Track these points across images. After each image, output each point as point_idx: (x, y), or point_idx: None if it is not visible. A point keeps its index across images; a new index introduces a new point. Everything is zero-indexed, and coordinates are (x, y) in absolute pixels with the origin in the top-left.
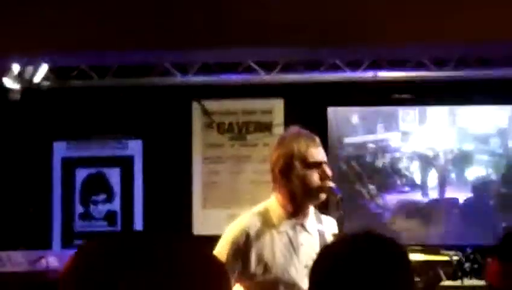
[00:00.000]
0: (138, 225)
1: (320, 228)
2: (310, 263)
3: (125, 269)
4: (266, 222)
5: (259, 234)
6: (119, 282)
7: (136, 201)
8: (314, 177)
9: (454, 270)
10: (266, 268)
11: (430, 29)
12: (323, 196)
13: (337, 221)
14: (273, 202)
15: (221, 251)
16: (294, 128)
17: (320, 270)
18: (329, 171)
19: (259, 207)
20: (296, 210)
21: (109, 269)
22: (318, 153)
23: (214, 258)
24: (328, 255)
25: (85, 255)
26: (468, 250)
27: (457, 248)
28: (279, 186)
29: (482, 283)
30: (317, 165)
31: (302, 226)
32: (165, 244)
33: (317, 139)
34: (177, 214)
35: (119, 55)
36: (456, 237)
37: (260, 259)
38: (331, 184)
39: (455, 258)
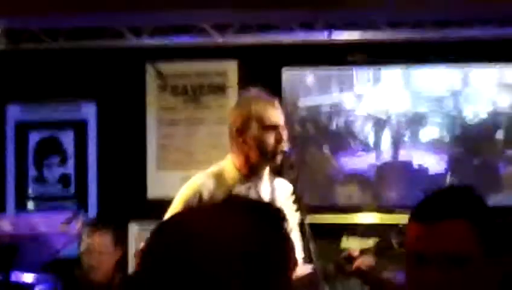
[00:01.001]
0: (92, 188)
1: (273, 191)
2: None
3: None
4: (220, 183)
5: (212, 196)
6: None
7: (90, 164)
8: (270, 139)
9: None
10: None
11: None
12: (278, 159)
13: (291, 184)
14: (229, 163)
15: (173, 211)
16: (254, 90)
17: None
18: (285, 135)
19: (214, 168)
20: (250, 172)
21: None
22: (275, 116)
23: None
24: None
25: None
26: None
27: (411, 209)
28: (235, 146)
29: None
30: (274, 127)
31: (256, 188)
32: None
33: (276, 102)
34: (132, 177)
35: (71, 17)
36: (410, 199)
37: None
38: (285, 147)
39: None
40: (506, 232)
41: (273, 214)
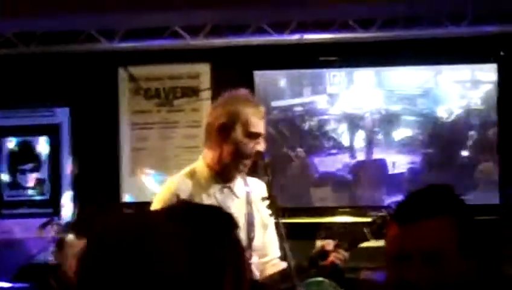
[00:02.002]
0: (67, 193)
1: (247, 190)
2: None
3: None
4: (195, 183)
5: (189, 197)
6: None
7: (64, 169)
8: (250, 145)
9: (379, 229)
10: None
11: None
12: (248, 164)
13: (266, 185)
14: (200, 163)
15: None
16: (243, 91)
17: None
18: (263, 145)
19: (187, 169)
20: (222, 171)
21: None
22: (261, 124)
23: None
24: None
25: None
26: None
27: (385, 209)
28: (212, 141)
29: None
30: (256, 135)
31: (230, 189)
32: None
33: (263, 110)
34: (106, 181)
35: (43, 21)
36: (384, 198)
37: None
38: (259, 148)
39: (381, 214)
40: (483, 229)
41: (224, 221)
